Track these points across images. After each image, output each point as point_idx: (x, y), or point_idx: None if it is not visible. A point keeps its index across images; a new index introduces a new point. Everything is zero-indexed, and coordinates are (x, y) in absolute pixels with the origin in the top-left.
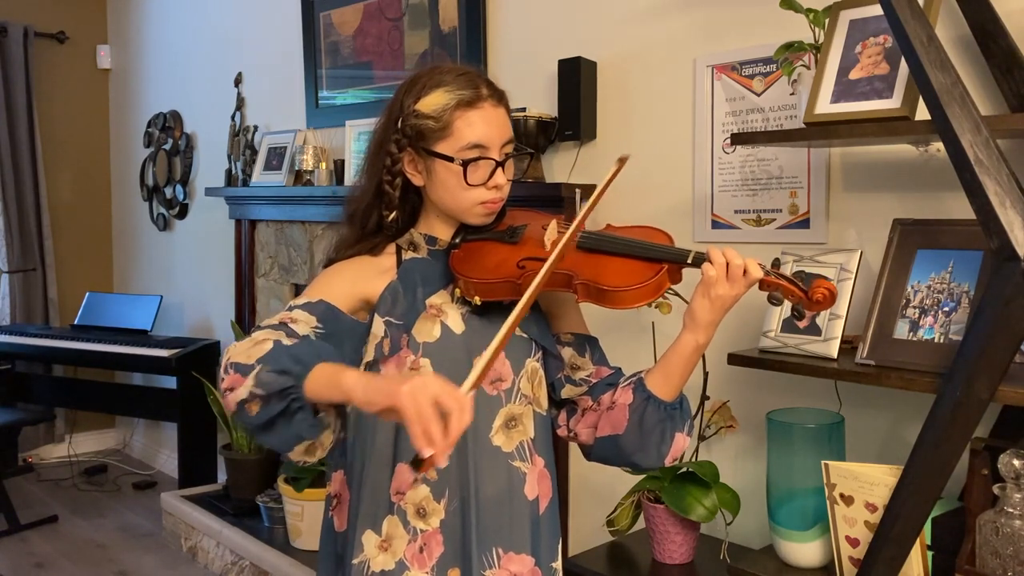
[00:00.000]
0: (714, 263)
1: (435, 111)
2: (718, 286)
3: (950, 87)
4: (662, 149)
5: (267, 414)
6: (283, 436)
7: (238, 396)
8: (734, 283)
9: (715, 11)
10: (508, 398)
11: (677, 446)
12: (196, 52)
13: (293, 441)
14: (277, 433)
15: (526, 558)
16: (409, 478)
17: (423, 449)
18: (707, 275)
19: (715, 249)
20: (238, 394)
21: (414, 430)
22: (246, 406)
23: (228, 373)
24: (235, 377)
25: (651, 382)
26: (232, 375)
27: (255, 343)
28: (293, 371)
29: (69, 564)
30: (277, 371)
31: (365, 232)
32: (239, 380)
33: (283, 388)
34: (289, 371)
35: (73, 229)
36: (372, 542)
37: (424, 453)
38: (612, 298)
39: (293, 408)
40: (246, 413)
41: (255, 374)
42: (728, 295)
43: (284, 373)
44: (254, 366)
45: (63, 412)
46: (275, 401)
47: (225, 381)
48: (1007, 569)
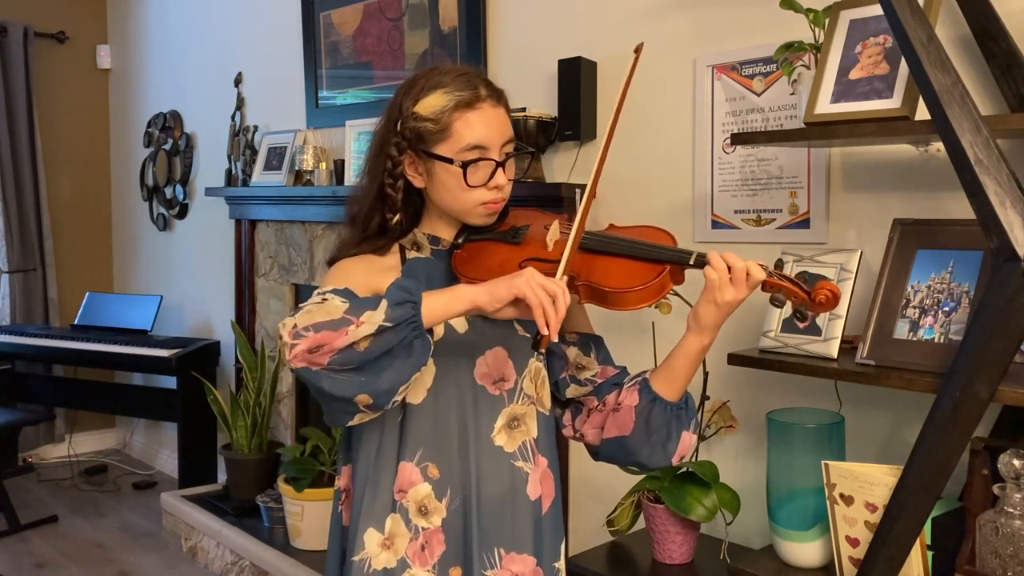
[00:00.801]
0: (714, 267)
1: (433, 113)
2: (723, 290)
3: (950, 87)
4: (662, 149)
5: (380, 349)
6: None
7: (356, 335)
8: (738, 287)
9: (715, 11)
10: (511, 398)
11: (684, 445)
12: (196, 52)
13: (412, 371)
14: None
15: (528, 558)
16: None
17: (543, 327)
18: (709, 279)
19: (715, 253)
20: (355, 332)
21: (538, 313)
22: (356, 345)
23: (303, 337)
24: (320, 335)
25: (656, 383)
26: (313, 335)
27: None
28: (412, 299)
29: (69, 564)
30: (399, 303)
31: (367, 234)
32: (329, 334)
33: (408, 317)
34: (409, 300)
35: (73, 229)
36: (374, 540)
37: (544, 331)
38: (614, 299)
39: (411, 337)
40: (353, 353)
41: (384, 310)
42: (733, 299)
43: (405, 303)
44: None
45: (63, 412)
46: (392, 334)
47: (303, 343)
48: (1007, 569)
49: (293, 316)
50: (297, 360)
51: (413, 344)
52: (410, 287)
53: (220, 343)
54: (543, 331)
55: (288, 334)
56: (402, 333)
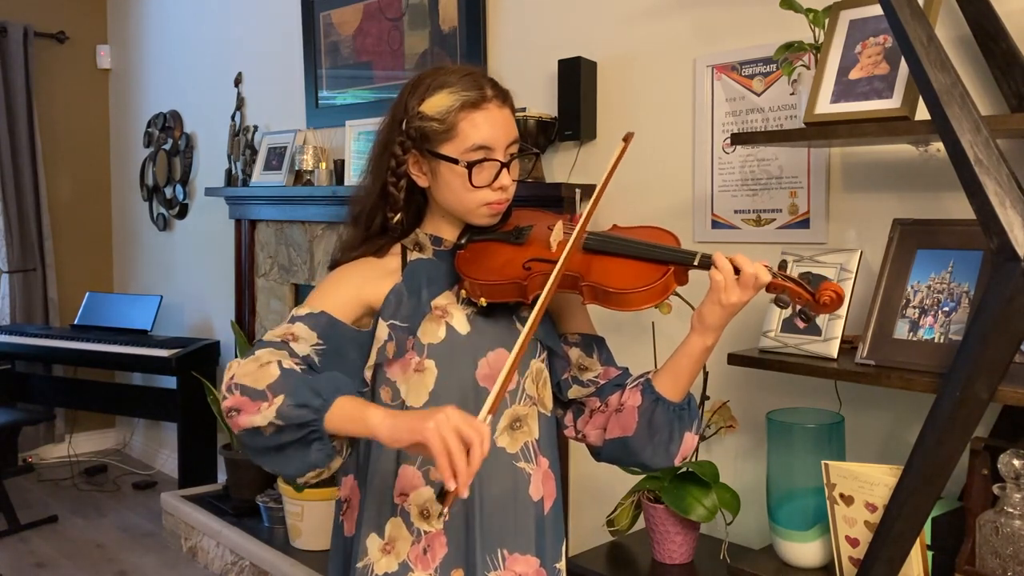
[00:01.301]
0: (720, 269)
1: (439, 113)
2: (728, 292)
3: (950, 87)
4: (662, 149)
5: (280, 440)
6: (295, 463)
7: (253, 422)
8: (744, 289)
9: (715, 11)
10: (513, 399)
11: (687, 445)
12: (196, 52)
13: (306, 469)
14: (286, 459)
15: (531, 559)
16: (414, 481)
17: (449, 482)
18: (715, 281)
19: (720, 255)
20: (252, 420)
21: (442, 463)
22: (260, 430)
23: (232, 393)
24: (241, 399)
25: (659, 384)
26: (238, 396)
27: (260, 365)
28: (314, 404)
29: (69, 564)
30: (298, 404)
31: (370, 233)
32: (247, 403)
33: (304, 421)
34: (310, 404)
35: (73, 229)
36: (376, 545)
37: (450, 486)
38: (618, 300)
39: (310, 438)
40: (258, 435)
41: (276, 407)
42: (739, 300)
43: (305, 406)
44: (264, 393)
45: (63, 412)
46: (291, 431)
47: (229, 400)
48: (1007, 569)
49: (240, 361)
50: (224, 412)
51: (311, 445)
52: (326, 389)
53: (220, 343)
54: (447, 485)
55: (226, 383)
56: (298, 433)
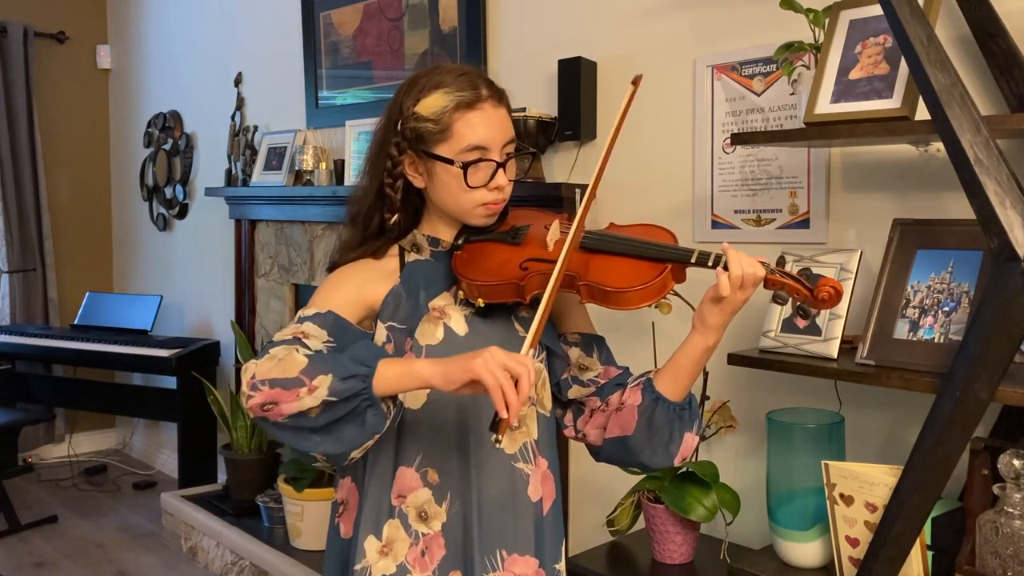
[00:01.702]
0: (731, 274)
1: (434, 113)
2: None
3: (950, 87)
4: (662, 149)
5: (331, 417)
6: (349, 437)
7: (302, 406)
8: (744, 287)
9: (715, 11)
10: None
11: (687, 445)
12: (196, 52)
13: (364, 439)
14: (340, 435)
15: (530, 560)
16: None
17: (502, 411)
18: (722, 288)
19: (732, 257)
20: (302, 403)
21: (496, 396)
22: (307, 413)
23: (259, 390)
24: (274, 392)
25: (660, 383)
26: (268, 390)
27: (279, 359)
28: (362, 372)
29: (69, 564)
30: (347, 376)
31: (367, 234)
32: (282, 394)
33: (356, 391)
34: (358, 374)
35: (73, 229)
36: (373, 547)
37: (503, 414)
38: (616, 299)
39: (362, 407)
40: (305, 419)
41: (327, 385)
42: (739, 299)
43: (354, 377)
44: (299, 379)
45: (63, 412)
46: (342, 405)
47: (258, 397)
48: (1007, 569)
49: (256, 361)
50: (253, 411)
51: (366, 413)
52: (366, 355)
53: (220, 343)
54: (502, 414)
55: (247, 383)
56: (350, 405)
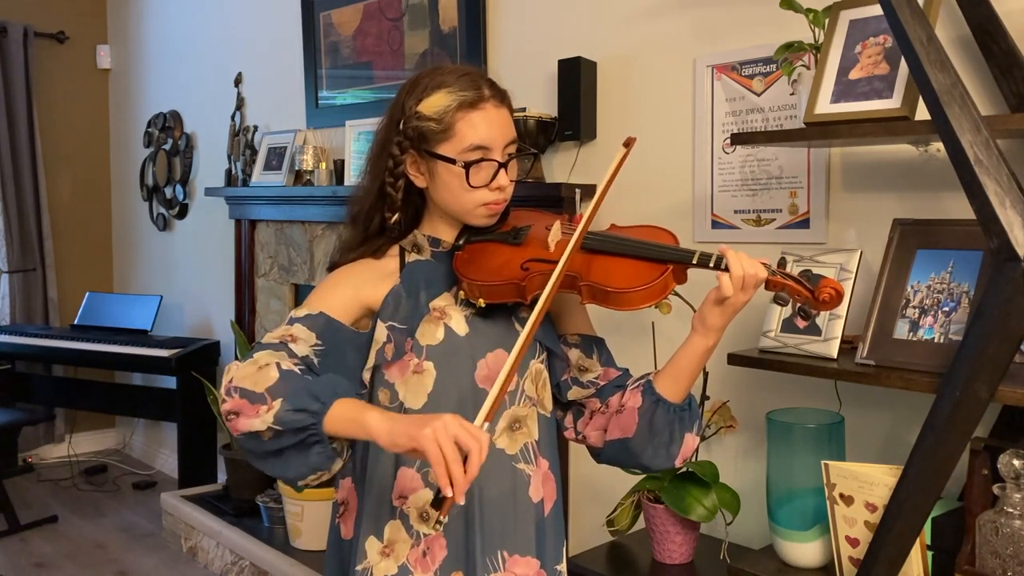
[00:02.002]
0: (732, 275)
1: (436, 113)
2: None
3: (950, 87)
4: (662, 149)
5: (280, 444)
6: (295, 466)
7: (252, 426)
8: (746, 289)
9: (715, 11)
10: (512, 400)
11: (687, 446)
12: (196, 52)
13: (307, 472)
14: (287, 463)
15: (531, 560)
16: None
17: (446, 489)
18: (724, 290)
19: (733, 258)
20: (251, 424)
21: (439, 471)
22: (259, 434)
23: (232, 396)
24: (240, 403)
25: (660, 384)
26: (236, 399)
27: (259, 367)
28: (312, 408)
29: (69, 564)
30: (297, 409)
31: (368, 234)
32: (246, 407)
33: (303, 426)
34: (308, 409)
35: (73, 229)
36: (375, 548)
37: (447, 493)
38: (617, 300)
39: (310, 441)
40: (257, 440)
41: (274, 412)
42: (741, 301)
43: (303, 411)
44: (264, 396)
45: (63, 412)
46: (290, 435)
47: (228, 404)
48: (1007, 569)
49: (239, 364)
50: (222, 415)
51: (311, 449)
52: (323, 392)
53: (220, 343)
54: (445, 492)
55: (224, 385)
56: (296, 437)
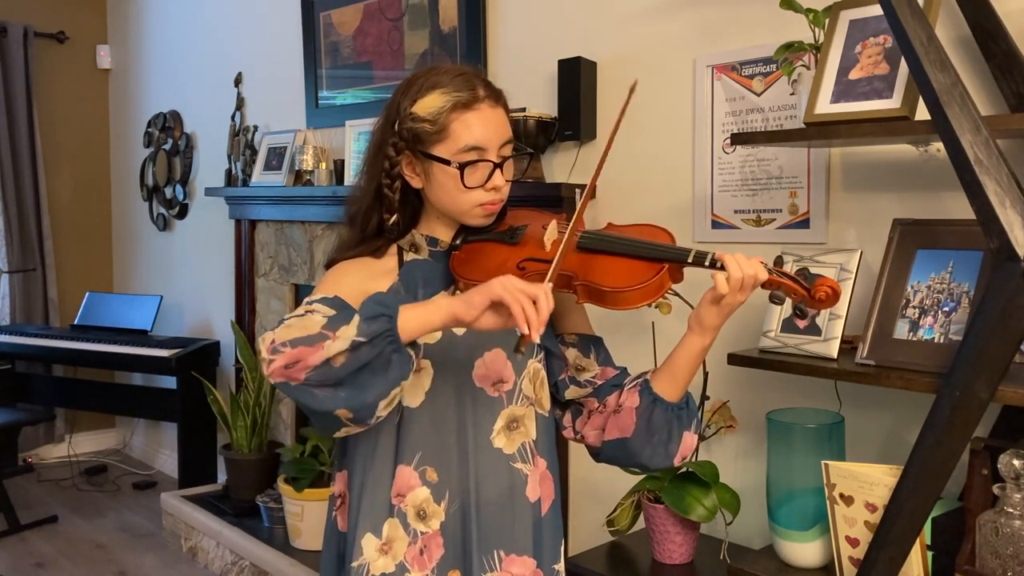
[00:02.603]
0: (730, 275)
1: (431, 114)
2: (730, 295)
3: (950, 87)
4: (662, 149)
5: (357, 364)
6: (376, 385)
7: (331, 350)
8: (744, 288)
9: (715, 11)
10: (509, 399)
11: (686, 445)
12: (196, 52)
13: (390, 387)
14: (366, 384)
15: (528, 560)
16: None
17: (523, 328)
18: (719, 288)
19: (730, 260)
20: (331, 348)
21: (516, 310)
22: (332, 360)
23: (280, 352)
24: (297, 351)
25: (657, 384)
26: (290, 350)
27: (300, 319)
28: (387, 313)
29: (69, 564)
30: (373, 317)
31: (366, 234)
32: (305, 350)
33: (383, 331)
34: (383, 314)
35: (73, 229)
36: (372, 545)
37: (525, 330)
38: (613, 299)
39: (389, 351)
40: (329, 369)
41: (356, 326)
42: (738, 301)
43: (380, 316)
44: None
45: (63, 412)
46: (368, 348)
47: (280, 359)
48: (1007, 569)
49: (273, 330)
50: (275, 375)
51: (392, 358)
52: (386, 300)
53: (220, 343)
54: (523, 330)
55: (266, 349)
56: (378, 347)
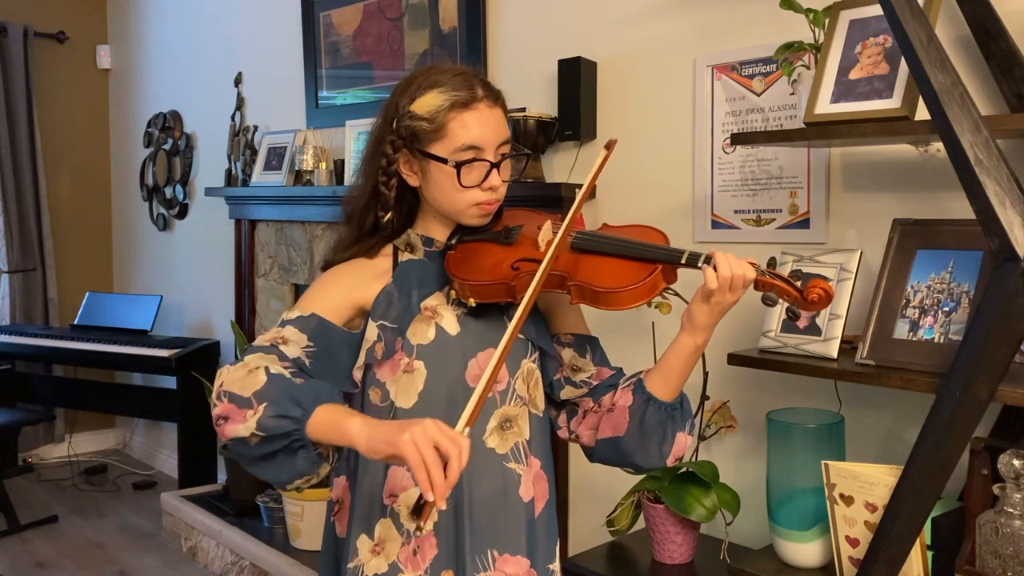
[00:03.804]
0: (719, 273)
1: (429, 112)
2: (719, 293)
3: (950, 87)
4: (662, 149)
5: (266, 449)
6: (282, 471)
7: (237, 432)
8: (734, 288)
9: (715, 11)
10: (503, 399)
11: (679, 445)
12: (196, 52)
13: (295, 476)
14: (275, 467)
15: (521, 560)
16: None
17: (427, 494)
18: (709, 284)
19: (721, 258)
20: (236, 430)
21: (419, 476)
22: (246, 439)
23: (221, 401)
24: (229, 407)
25: (651, 384)
26: (226, 404)
27: (248, 371)
28: (294, 415)
29: (69, 564)
30: (278, 415)
31: (362, 232)
32: (234, 411)
33: (285, 432)
34: (290, 415)
35: (73, 229)
36: (366, 546)
37: (428, 497)
38: (606, 299)
39: (295, 447)
40: (245, 445)
41: (257, 418)
42: (728, 300)
43: (285, 417)
44: (250, 400)
45: (63, 412)
46: (275, 440)
47: (218, 408)
48: (1007, 569)
49: (230, 367)
50: (214, 420)
51: (296, 454)
52: (305, 399)
53: (220, 343)
54: (426, 496)
55: (215, 390)
56: (280, 443)
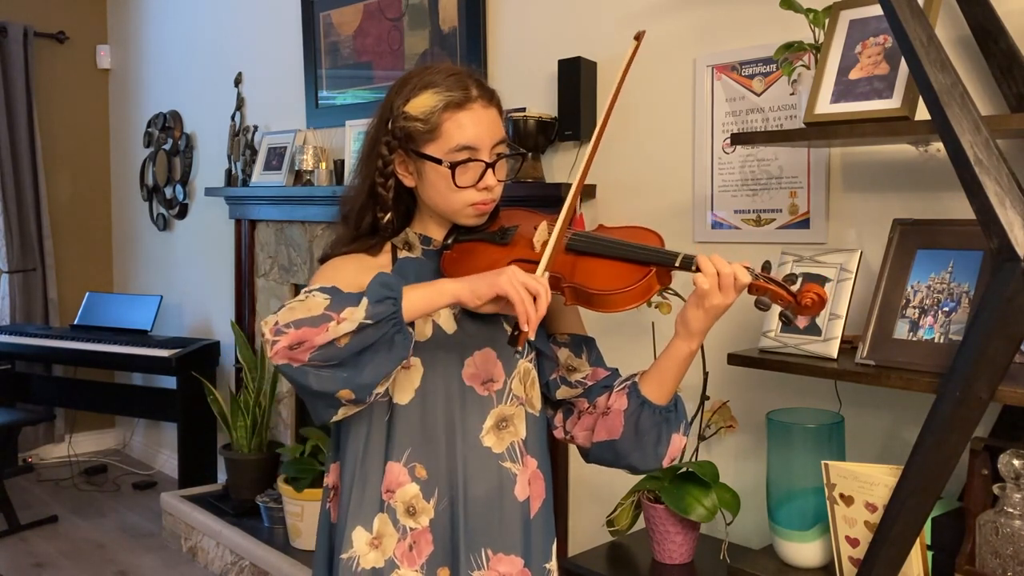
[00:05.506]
0: (705, 274)
1: (423, 113)
2: (711, 296)
3: (950, 87)
4: (662, 149)
5: (360, 345)
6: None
7: (338, 331)
8: (726, 292)
9: (715, 11)
10: (499, 399)
11: (674, 447)
12: (196, 52)
13: (391, 367)
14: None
15: (516, 559)
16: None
17: (524, 324)
18: (699, 287)
19: (704, 258)
20: (338, 328)
21: (519, 310)
22: (337, 341)
23: (284, 333)
24: (299, 332)
25: (645, 387)
26: (294, 332)
27: (301, 301)
28: (393, 295)
29: (69, 564)
30: (380, 299)
31: (360, 232)
32: (308, 331)
33: (389, 314)
34: (390, 296)
35: (73, 229)
36: (362, 539)
37: (523, 327)
38: (599, 302)
39: (392, 332)
40: (332, 350)
41: (364, 308)
42: (721, 304)
43: (387, 299)
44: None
45: (63, 412)
46: (373, 330)
47: (285, 339)
48: (1007, 569)
49: (275, 313)
50: (278, 357)
51: (394, 339)
52: (391, 282)
53: (220, 343)
54: (523, 327)
55: (270, 331)
56: (383, 329)
